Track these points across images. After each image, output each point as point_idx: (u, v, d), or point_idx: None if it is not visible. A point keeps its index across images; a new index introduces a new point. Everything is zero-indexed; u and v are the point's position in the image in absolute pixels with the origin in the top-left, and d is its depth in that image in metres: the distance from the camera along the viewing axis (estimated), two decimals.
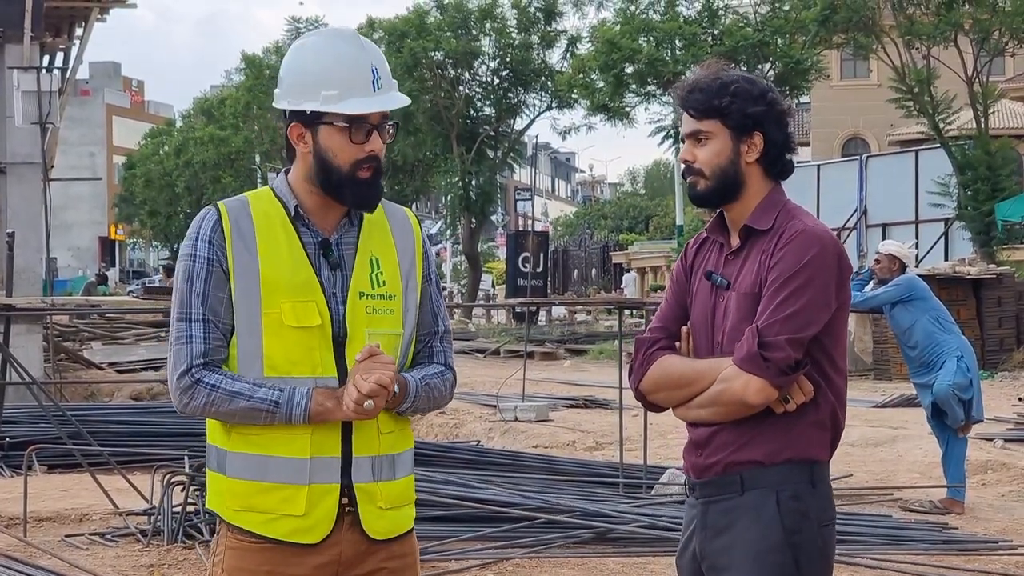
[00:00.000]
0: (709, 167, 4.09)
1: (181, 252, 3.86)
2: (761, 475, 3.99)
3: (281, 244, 3.83)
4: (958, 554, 9.84)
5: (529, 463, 13.13)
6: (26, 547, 9.78)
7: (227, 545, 3.85)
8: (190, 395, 3.77)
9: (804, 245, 3.97)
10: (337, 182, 3.84)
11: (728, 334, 4.05)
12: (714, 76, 4.11)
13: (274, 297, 3.78)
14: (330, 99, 3.81)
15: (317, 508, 3.81)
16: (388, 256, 3.95)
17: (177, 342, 3.80)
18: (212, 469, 3.89)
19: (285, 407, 3.75)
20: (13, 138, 21.91)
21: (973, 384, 11.51)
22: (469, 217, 49.53)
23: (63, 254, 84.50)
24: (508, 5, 48.94)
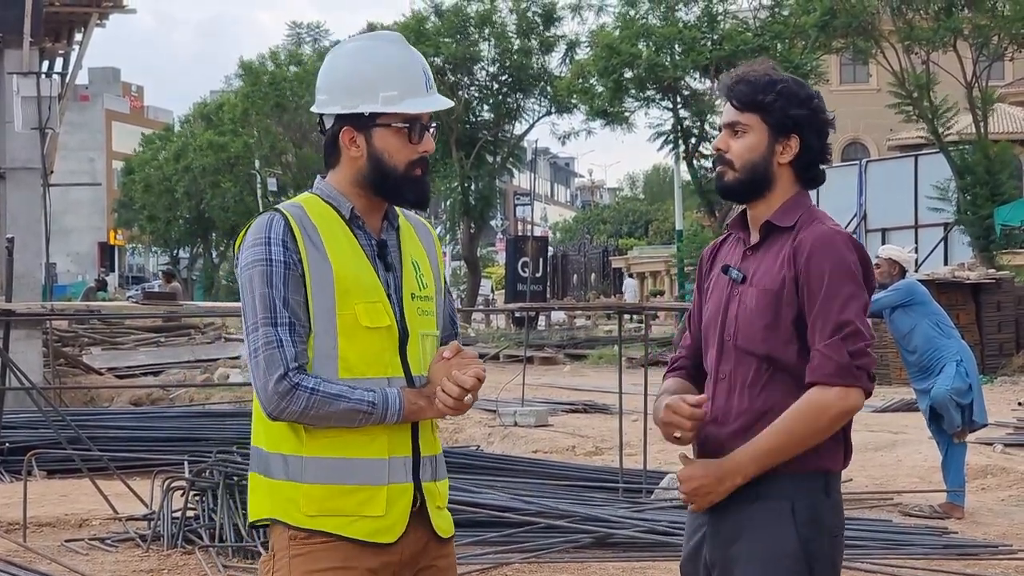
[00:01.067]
0: (740, 160, 4.06)
1: (250, 258, 3.81)
2: (776, 485, 3.96)
3: (344, 246, 3.86)
4: (958, 559, 9.84)
5: (529, 468, 13.13)
6: (26, 552, 9.78)
7: (292, 554, 3.83)
8: (289, 399, 3.74)
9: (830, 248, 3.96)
10: (394, 183, 3.89)
11: (741, 329, 4.03)
12: (763, 72, 4.09)
13: (347, 299, 3.81)
14: (390, 100, 3.86)
15: (395, 507, 3.85)
16: (423, 260, 4.03)
17: (268, 347, 3.76)
18: (275, 478, 3.85)
19: (381, 407, 3.77)
20: (13, 143, 21.91)
21: (973, 389, 11.50)
22: (468, 222, 49.54)
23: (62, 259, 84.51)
24: (507, 10, 48.96)
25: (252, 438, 3.95)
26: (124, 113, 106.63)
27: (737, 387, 4.05)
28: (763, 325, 3.99)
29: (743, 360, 4.03)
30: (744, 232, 4.17)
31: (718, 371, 4.11)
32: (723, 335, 4.09)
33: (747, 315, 4.02)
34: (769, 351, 3.99)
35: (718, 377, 4.11)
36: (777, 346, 3.98)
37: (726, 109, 4.11)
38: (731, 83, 4.10)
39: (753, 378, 4.02)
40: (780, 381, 3.99)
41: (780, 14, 40.96)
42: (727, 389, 4.07)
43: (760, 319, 3.99)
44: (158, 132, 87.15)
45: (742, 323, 4.03)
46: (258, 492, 3.91)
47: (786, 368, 3.98)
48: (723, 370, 4.09)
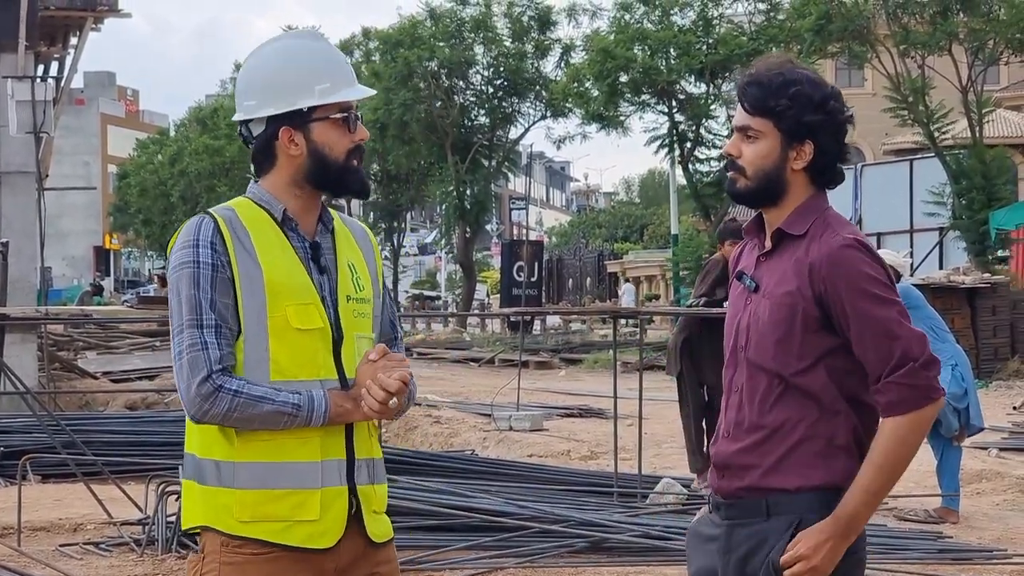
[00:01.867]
0: (752, 167, 3.94)
1: (178, 260, 3.80)
2: (786, 502, 3.88)
3: (276, 248, 3.84)
4: (953, 563, 9.83)
5: (524, 472, 13.12)
6: (20, 557, 9.77)
7: (223, 561, 3.81)
8: (212, 401, 3.72)
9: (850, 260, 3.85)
10: (336, 174, 3.89)
11: (753, 341, 3.95)
12: (777, 72, 3.94)
13: (278, 301, 3.79)
14: (326, 92, 3.87)
15: (330, 512, 3.82)
16: (359, 262, 4.02)
17: (192, 349, 3.74)
18: (208, 484, 3.83)
19: (306, 409, 3.75)
20: (8, 147, 21.92)
21: (968, 393, 11.50)
22: (464, 226, 49.55)
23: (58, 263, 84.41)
24: (501, 14, 48.97)
25: (185, 444, 3.91)
26: (119, 117, 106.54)
27: (748, 401, 3.97)
28: (775, 340, 3.90)
29: (755, 374, 3.95)
30: (760, 236, 4.07)
31: (732, 383, 4.03)
32: (736, 345, 4.01)
33: (759, 328, 3.93)
34: (779, 368, 3.90)
35: (731, 389, 4.03)
36: (788, 362, 3.89)
37: (738, 111, 4.00)
38: (743, 84, 3.97)
39: (764, 393, 3.93)
40: (792, 397, 3.90)
41: (775, 18, 40.98)
42: (739, 403, 4.00)
43: (772, 334, 3.90)
44: (153, 136, 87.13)
45: (754, 335, 3.95)
46: (191, 499, 3.88)
47: (796, 386, 3.90)
48: (736, 382, 4.01)
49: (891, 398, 3.83)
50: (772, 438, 3.91)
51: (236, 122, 3.95)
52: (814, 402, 3.90)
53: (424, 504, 10.29)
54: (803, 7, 37.09)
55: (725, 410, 4.05)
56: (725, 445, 4.02)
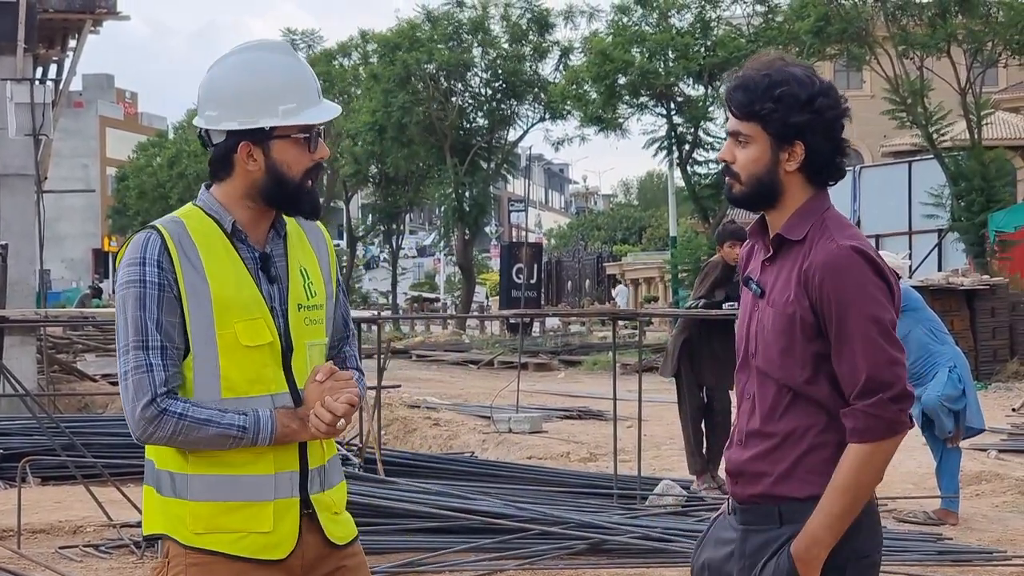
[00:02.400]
0: (745, 172, 3.91)
1: (125, 278, 3.76)
2: (798, 510, 3.88)
3: (225, 262, 3.80)
4: (952, 565, 9.84)
5: (523, 474, 13.12)
6: (20, 559, 9.77)
7: (188, 563, 3.80)
8: (156, 425, 3.70)
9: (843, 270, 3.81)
10: (292, 193, 3.84)
11: (760, 350, 3.94)
12: (763, 74, 3.89)
13: (226, 317, 3.76)
14: (290, 112, 3.81)
15: (282, 523, 3.81)
16: (312, 265, 3.98)
17: (136, 371, 3.72)
18: (164, 494, 3.82)
19: (252, 431, 3.74)
20: (6, 150, 21.91)
21: (967, 394, 11.50)
22: (463, 228, 49.56)
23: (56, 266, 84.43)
24: (498, 17, 48.98)
25: (145, 449, 3.89)
26: (118, 120, 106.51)
27: (758, 409, 3.96)
28: (779, 350, 3.89)
29: (764, 382, 3.94)
30: (763, 239, 4.04)
31: (744, 390, 4.03)
32: (747, 352, 4.01)
33: (765, 336, 3.92)
34: (785, 378, 3.89)
35: (743, 396, 4.03)
36: (794, 372, 3.88)
37: (730, 116, 3.97)
38: (730, 89, 3.94)
39: (774, 401, 3.92)
40: (800, 406, 3.90)
41: (773, 20, 40.99)
42: (750, 410, 3.99)
43: (776, 343, 3.89)
44: (152, 139, 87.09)
45: (761, 344, 3.94)
46: (150, 506, 3.88)
47: (804, 394, 3.89)
48: (748, 390, 4.00)
49: (857, 425, 3.83)
50: (782, 446, 3.91)
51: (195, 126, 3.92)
52: (822, 410, 3.89)
53: (423, 506, 10.29)
54: (802, 9, 37.10)
55: (738, 417, 4.06)
56: (737, 452, 4.01)
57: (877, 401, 3.80)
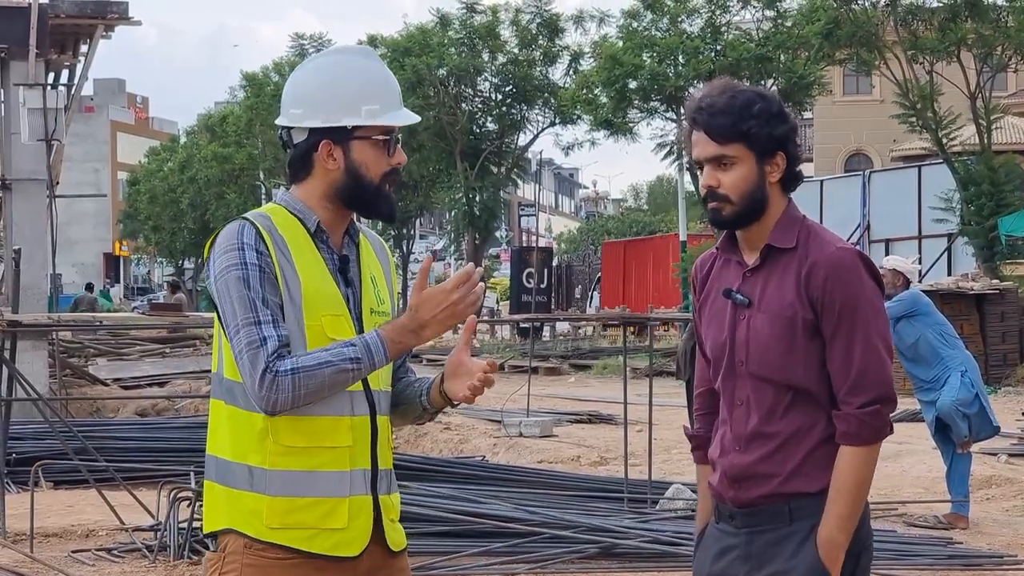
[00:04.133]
0: (737, 192, 3.99)
1: (224, 264, 3.78)
2: (809, 504, 3.96)
3: (310, 259, 3.87)
4: (963, 569, 9.86)
5: (534, 478, 13.14)
6: (33, 563, 9.81)
7: (244, 563, 3.82)
8: (274, 390, 3.70)
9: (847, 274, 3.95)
10: (371, 196, 3.90)
11: (754, 356, 4.00)
12: (731, 96, 4.00)
13: (314, 310, 3.81)
14: (372, 113, 3.88)
15: (356, 520, 3.85)
16: (380, 275, 4.04)
17: (250, 347, 3.72)
18: (239, 488, 3.84)
19: (367, 359, 3.75)
20: (19, 155, 21.95)
21: (979, 398, 11.52)
22: (473, 233, 49.56)
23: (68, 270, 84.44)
24: (508, 22, 49.00)
25: (209, 446, 3.91)
26: (129, 124, 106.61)
27: (758, 412, 4.02)
28: (780, 352, 3.97)
29: (760, 386, 4.01)
30: (736, 253, 4.13)
31: (734, 396, 4.08)
32: (733, 360, 4.06)
33: (760, 341, 3.99)
34: (787, 378, 3.97)
35: (735, 402, 4.08)
36: (796, 372, 3.97)
37: (702, 142, 4.02)
38: (705, 117, 4.00)
39: (773, 403, 4.00)
40: (802, 404, 3.99)
41: (783, 25, 40.99)
42: (746, 415, 4.05)
43: (776, 345, 3.97)
44: (164, 144, 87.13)
45: (755, 349, 4.00)
46: (214, 500, 3.90)
47: (806, 391, 3.98)
48: (739, 396, 4.06)
49: (850, 429, 3.94)
50: (787, 445, 3.98)
51: (279, 125, 3.97)
52: (821, 407, 3.99)
53: (435, 510, 10.32)
54: (812, 13, 37.10)
55: (730, 424, 4.10)
56: (738, 458, 4.05)
57: (873, 410, 3.93)
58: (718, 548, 4.12)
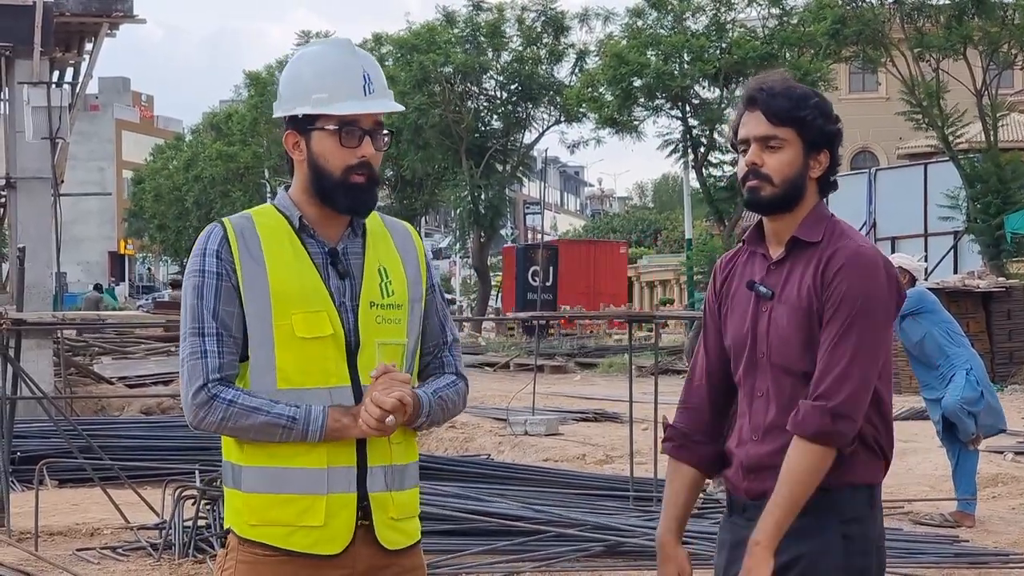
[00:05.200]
0: (780, 175, 4.01)
1: (188, 268, 3.86)
2: (823, 500, 3.94)
3: (288, 255, 3.85)
4: (969, 567, 9.84)
5: (539, 477, 13.14)
6: (37, 561, 9.80)
7: (239, 559, 3.85)
8: (207, 410, 3.76)
9: (859, 270, 3.94)
10: (330, 188, 3.87)
11: (775, 347, 4.00)
12: (790, 86, 4.06)
13: (284, 308, 3.80)
14: (320, 102, 3.86)
15: (336, 518, 3.82)
16: (394, 266, 3.99)
17: (191, 357, 3.79)
18: (227, 486, 3.91)
19: (302, 423, 3.76)
20: (23, 153, 21.95)
21: (985, 396, 11.50)
22: (478, 231, 49.54)
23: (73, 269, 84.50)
24: (514, 19, 48.97)
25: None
26: (134, 123, 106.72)
27: (777, 403, 4.01)
28: (799, 343, 3.96)
29: (781, 377, 4.00)
30: (762, 246, 4.14)
31: (754, 388, 4.07)
32: (755, 352, 4.05)
33: (780, 333, 4.00)
34: (806, 369, 3.96)
35: (755, 394, 4.07)
36: (814, 364, 3.95)
37: (755, 121, 4.04)
38: (765, 96, 4.03)
39: (792, 394, 3.98)
40: None
41: (789, 22, 40.95)
42: (765, 406, 4.04)
43: (795, 337, 3.97)
44: (169, 142, 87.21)
45: (775, 340, 4.00)
46: (226, 500, 3.96)
47: None
48: (759, 387, 4.05)
49: (796, 417, 3.92)
50: None
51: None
52: None
53: (440, 508, 10.31)
54: (819, 11, 37.07)
55: (749, 415, 4.09)
56: (755, 448, 4.05)
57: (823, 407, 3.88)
58: (732, 540, 4.11)
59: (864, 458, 4.00)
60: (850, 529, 3.96)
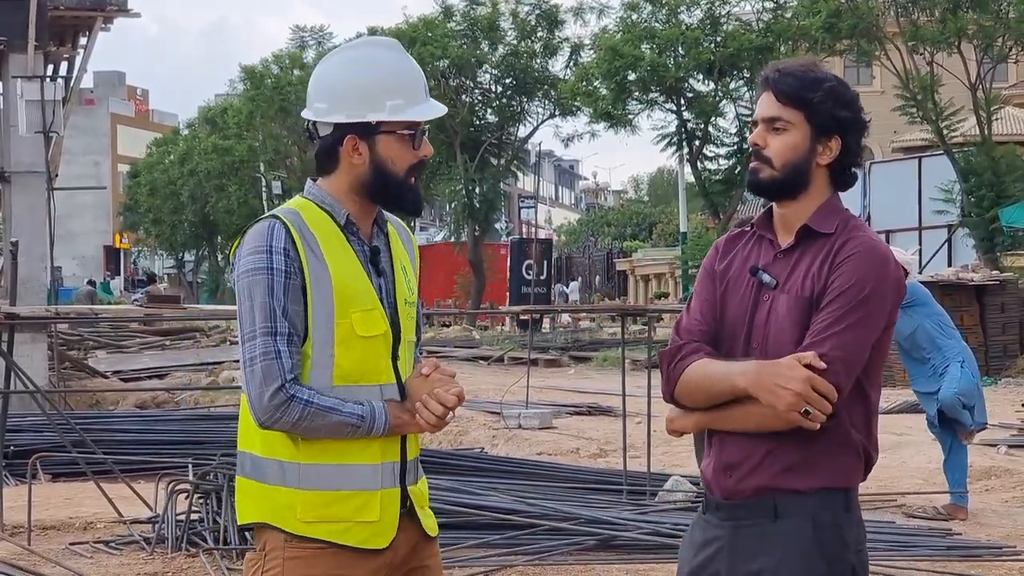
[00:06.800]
0: (781, 158, 3.93)
1: (251, 265, 3.81)
2: (798, 502, 3.88)
3: (341, 254, 3.88)
4: (962, 560, 9.84)
5: (533, 470, 13.13)
6: (30, 555, 9.79)
7: (287, 556, 3.86)
8: (284, 410, 3.76)
9: (871, 261, 3.87)
10: (396, 189, 3.92)
11: (774, 337, 3.90)
12: (808, 68, 3.97)
13: (345, 307, 3.84)
14: (397, 108, 3.88)
15: (387, 513, 3.90)
16: (408, 265, 4.07)
17: (265, 357, 3.78)
18: (271, 483, 3.88)
19: (369, 421, 3.83)
20: (17, 147, 21.97)
21: (979, 388, 11.52)
22: (473, 225, 49.51)
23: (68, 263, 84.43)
24: (508, 13, 48.95)
25: (240, 442, 3.96)
26: (129, 117, 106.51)
27: None
28: (797, 337, 3.86)
29: None
30: (770, 231, 4.05)
31: None
32: (749, 342, 3.96)
33: (780, 324, 3.91)
34: None
35: None
36: None
37: (766, 102, 3.97)
38: (776, 76, 3.96)
39: None
40: None
41: (783, 16, 40.96)
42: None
43: (793, 328, 3.88)
44: (166, 136, 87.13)
45: (774, 331, 3.91)
46: (247, 495, 3.93)
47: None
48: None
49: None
50: (788, 437, 3.87)
51: (304, 118, 3.98)
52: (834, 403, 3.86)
53: (433, 502, 10.21)
54: (813, 4, 37.07)
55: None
56: (733, 443, 3.97)
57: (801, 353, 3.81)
58: (702, 538, 4.05)
59: (840, 460, 3.92)
60: (824, 535, 3.88)
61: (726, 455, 3.99)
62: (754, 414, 3.85)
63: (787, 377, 3.75)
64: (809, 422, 3.77)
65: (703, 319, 4.04)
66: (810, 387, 3.74)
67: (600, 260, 68.95)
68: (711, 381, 3.91)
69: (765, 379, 3.78)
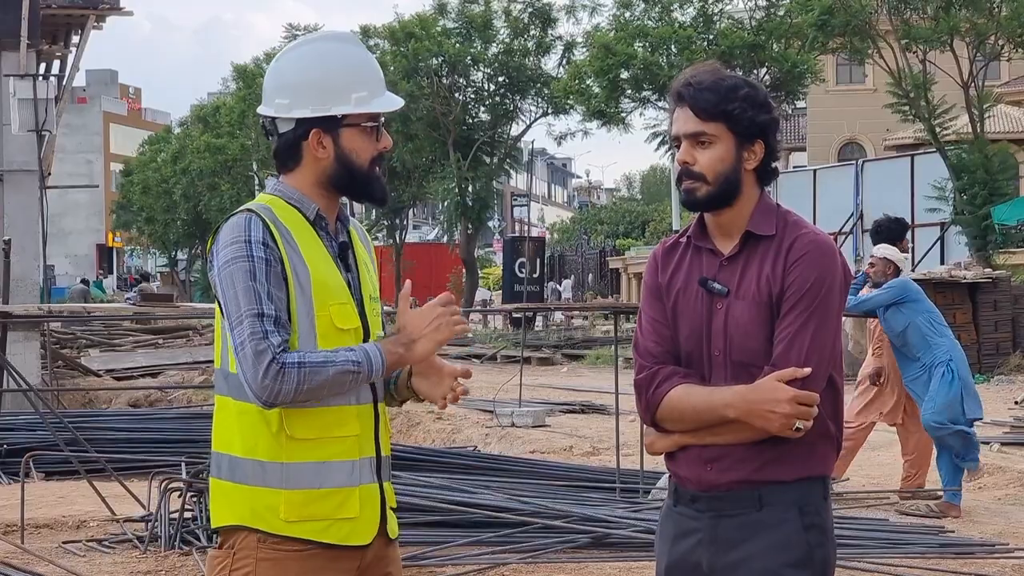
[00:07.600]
0: (712, 173, 3.95)
1: (230, 256, 3.78)
2: (781, 492, 3.94)
3: (314, 248, 3.88)
4: (955, 558, 9.84)
5: (526, 468, 13.13)
6: (23, 554, 9.78)
7: (259, 557, 3.82)
8: (280, 380, 3.69)
9: (822, 257, 3.93)
10: (362, 181, 3.92)
11: (736, 343, 3.94)
12: (719, 78, 3.98)
13: (324, 300, 3.83)
14: (362, 100, 3.89)
15: (366, 509, 3.89)
16: (369, 262, 4.06)
17: (253, 337, 3.72)
18: (251, 484, 3.84)
19: (366, 364, 3.78)
20: (10, 145, 21.94)
21: (965, 387, 11.47)
22: (466, 223, 49.52)
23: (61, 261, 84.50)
24: (501, 12, 48.95)
25: (215, 443, 3.92)
26: (122, 115, 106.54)
27: None
28: (762, 339, 3.92)
29: (740, 372, 3.95)
30: (707, 240, 4.07)
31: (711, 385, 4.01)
32: (710, 350, 3.99)
33: (741, 329, 3.94)
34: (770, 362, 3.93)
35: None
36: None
37: (684, 118, 3.98)
38: (692, 92, 3.97)
39: None
40: None
41: (775, 14, 40.98)
42: None
43: (760, 332, 3.92)
44: (159, 134, 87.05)
45: (736, 337, 3.95)
46: (223, 497, 3.89)
47: None
48: (715, 384, 3.98)
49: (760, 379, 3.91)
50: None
51: (260, 115, 3.96)
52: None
53: (426, 500, 10.30)
54: (806, 2, 37.09)
55: None
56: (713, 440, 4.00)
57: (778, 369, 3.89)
58: (677, 531, 4.07)
59: (819, 449, 3.99)
60: (810, 520, 3.95)
61: (707, 449, 4.01)
62: (744, 430, 3.92)
63: (774, 401, 3.84)
64: (798, 435, 3.87)
65: (660, 339, 4.07)
66: (797, 404, 3.83)
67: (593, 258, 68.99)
68: (697, 411, 3.98)
69: (754, 407, 3.86)
